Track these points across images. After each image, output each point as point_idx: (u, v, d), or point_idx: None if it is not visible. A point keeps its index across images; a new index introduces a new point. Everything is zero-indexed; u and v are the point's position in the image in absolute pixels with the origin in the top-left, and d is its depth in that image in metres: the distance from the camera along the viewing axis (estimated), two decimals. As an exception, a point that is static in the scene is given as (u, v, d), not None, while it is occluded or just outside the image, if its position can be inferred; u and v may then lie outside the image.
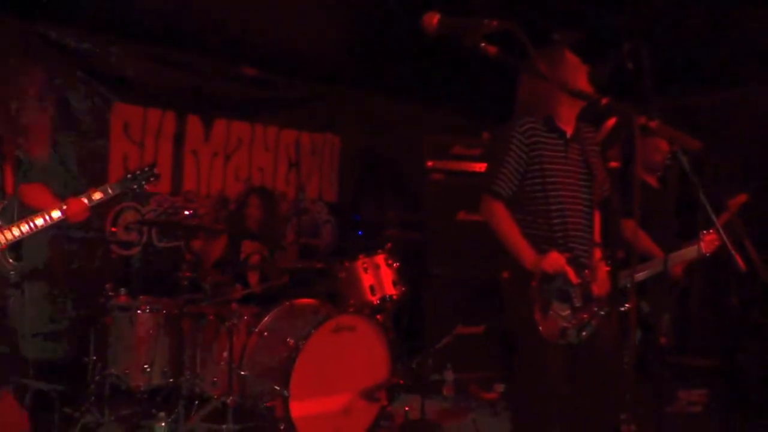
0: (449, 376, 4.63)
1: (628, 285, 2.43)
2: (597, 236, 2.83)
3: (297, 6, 4.09)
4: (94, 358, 3.70)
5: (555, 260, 2.54)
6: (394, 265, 3.93)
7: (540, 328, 2.52)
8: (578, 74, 2.68)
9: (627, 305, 2.55)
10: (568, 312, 2.56)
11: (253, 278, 4.44)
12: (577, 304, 2.58)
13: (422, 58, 4.80)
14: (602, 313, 2.63)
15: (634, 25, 3.91)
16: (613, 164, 1.50)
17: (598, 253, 2.79)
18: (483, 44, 1.65)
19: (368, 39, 4.64)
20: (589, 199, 2.72)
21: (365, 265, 3.83)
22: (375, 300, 3.78)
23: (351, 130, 5.76)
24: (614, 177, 1.56)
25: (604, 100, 1.43)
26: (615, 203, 1.56)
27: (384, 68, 5.11)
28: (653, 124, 1.40)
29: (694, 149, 1.43)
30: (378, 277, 3.85)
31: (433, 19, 1.74)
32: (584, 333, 2.58)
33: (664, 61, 3.08)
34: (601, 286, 2.64)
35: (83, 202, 2.79)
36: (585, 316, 2.58)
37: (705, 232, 3.24)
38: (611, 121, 1.43)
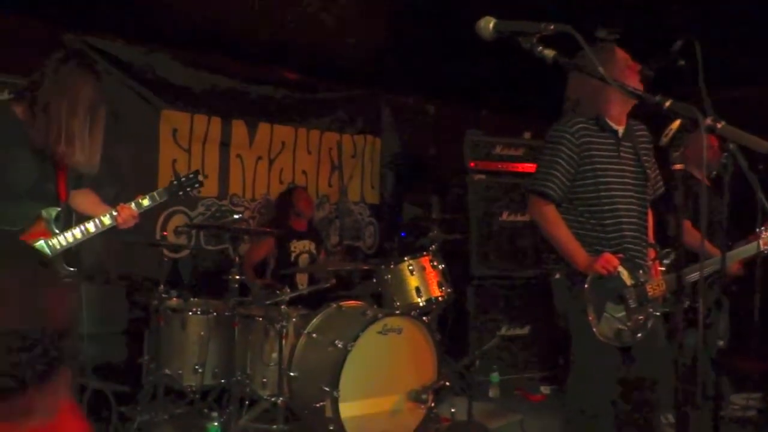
0: (495, 377, 4.61)
1: (690, 283, 2.41)
2: (651, 236, 2.80)
3: (337, 10, 4.13)
4: (148, 358, 3.82)
5: (608, 261, 2.52)
6: (440, 266, 3.94)
7: (594, 329, 2.50)
8: (630, 72, 2.64)
9: (687, 304, 2.51)
10: (623, 313, 2.55)
11: (302, 280, 4.50)
12: (632, 306, 2.56)
13: (463, 58, 4.79)
14: (657, 314, 2.61)
15: (684, 20, 3.83)
16: (678, 167, 1.48)
17: (652, 253, 2.76)
18: (540, 48, 1.65)
19: (408, 40, 4.65)
20: (643, 198, 2.72)
21: (411, 267, 3.85)
22: (421, 302, 3.80)
23: (392, 132, 5.79)
24: (677, 179, 1.54)
25: (668, 103, 1.41)
26: (679, 204, 1.54)
27: (424, 69, 5.12)
28: (720, 125, 1.38)
29: (764, 150, 1.40)
30: (424, 278, 3.86)
31: (489, 24, 1.74)
32: (639, 335, 2.57)
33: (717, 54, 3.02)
34: (656, 286, 2.62)
35: (133, 209, 2.85)
36: (641, 317, 2.56)
37: (764, 228, 3.18)
38: (676, 123, 1.42)
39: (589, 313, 2.50)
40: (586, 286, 2.52)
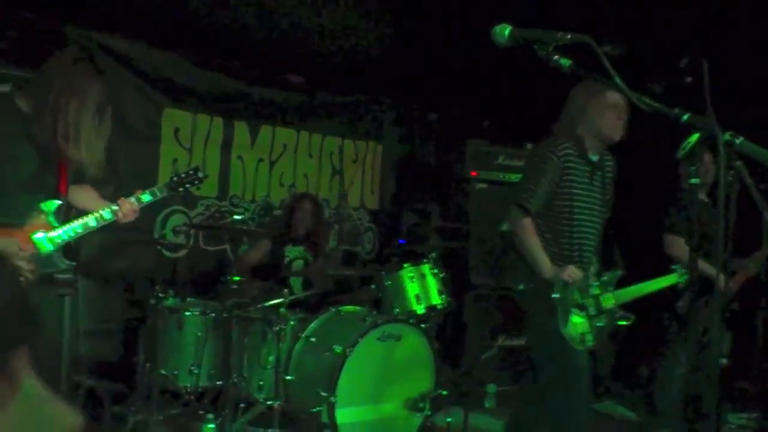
0: (492, 388, 4.59)
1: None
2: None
3: (342, 17, 4.14)
4: (143, 357, 3.78)
5: (573, 272, 2.80)
6: (440, 274, 3.92)
7: (563, 332, 2.77)
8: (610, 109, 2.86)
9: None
10: (585, 320, 2.86)
11: (295, 284, 4.47)
12: (592, 313, 2.89)
13: (466, 68, 4.80)
14: (615, 322, 2.97)
15: (692, 37, 3.84)
16: (695, 181, 1.48)
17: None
18: (557, 56, 1.65)
19: (412, 48, 4.67)
20: (600, 222, 3.00)
21: (411, 274, 3.82)
22: (420, 309, 3.77)
23: (393, 138, 5.78)
24: (687, 198, 1.53)
25: (686, 116, 1.41)
26: (693, 221, 1.54)
27: (427, 77, 5.13)
28: (738, 140, 1.38)
29: (784, 167, 1.40)
30: (424, 286, 3.84)
31: (504, 31, 1.73)
32: (603, 335, 2.91)
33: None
34: (607, 300, 2.96)
35: (134, 204, 2.83)
36: (599, 324, 2.89)
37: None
38: (694, 137, 1.41)
39: (558, 319, 2.75)
40: (557, 294, 2.75)
